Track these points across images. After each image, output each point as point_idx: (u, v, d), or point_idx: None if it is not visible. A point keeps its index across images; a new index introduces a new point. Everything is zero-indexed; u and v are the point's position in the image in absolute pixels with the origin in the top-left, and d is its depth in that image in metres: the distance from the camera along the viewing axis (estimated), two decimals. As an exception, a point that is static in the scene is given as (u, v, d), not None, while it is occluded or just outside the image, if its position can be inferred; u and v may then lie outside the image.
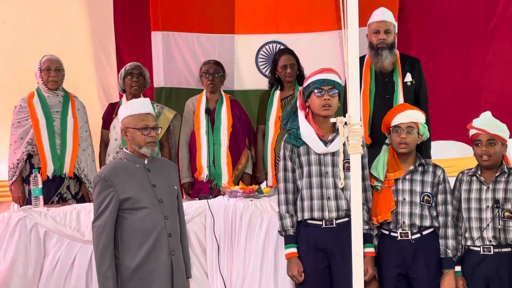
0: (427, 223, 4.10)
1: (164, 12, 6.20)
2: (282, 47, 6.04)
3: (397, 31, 5.15)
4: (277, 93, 5.52)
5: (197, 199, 4.83)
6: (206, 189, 5.17)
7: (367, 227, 4.08)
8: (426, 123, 4.26)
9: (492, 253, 4.02)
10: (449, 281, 4.04)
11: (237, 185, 4.86)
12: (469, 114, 4.54)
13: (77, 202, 5.23)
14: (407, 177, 4.15)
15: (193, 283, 4.24)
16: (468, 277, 4.07)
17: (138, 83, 5.52)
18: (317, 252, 4.07)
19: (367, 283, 4.05)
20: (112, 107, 5.63)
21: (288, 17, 6.24)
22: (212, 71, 5.55)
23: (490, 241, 4.03)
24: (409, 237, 4.09)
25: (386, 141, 4.27)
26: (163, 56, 6.22)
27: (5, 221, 4.54)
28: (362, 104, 4.85)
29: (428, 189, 4.13)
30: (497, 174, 4.10)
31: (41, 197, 4.74)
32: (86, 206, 4.65)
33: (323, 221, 4.06)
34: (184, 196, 5.39)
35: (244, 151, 5.52)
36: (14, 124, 5.32)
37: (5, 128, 5.57)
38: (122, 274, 3.80)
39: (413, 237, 4.09)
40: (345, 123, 3.15)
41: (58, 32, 6.18)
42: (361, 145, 3.13)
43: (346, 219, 4.02)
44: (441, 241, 4.08)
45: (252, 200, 4.52)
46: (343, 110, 4.57)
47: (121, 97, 5.76)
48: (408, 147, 4.14)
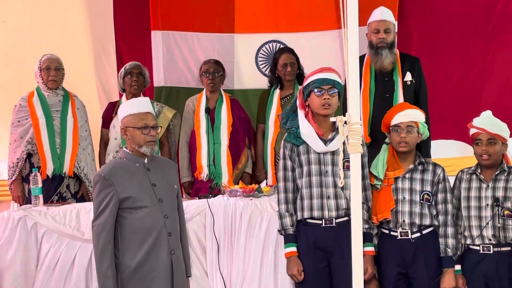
0: (427, 222, 4.10)
1: (164, 12, 6.21)
2: (282, 46, 6.03)
3: (397, 30, 5.15)
4: (277, 92, 5.51)
5: (197, 198, 4.83)
6: (206, 189, 5.16)
7: (367, 226, 4.07)
8: (426, 122, 4.26)
9: (491, 252, 4.02)
10: (449, 280, 4.04)
11: (237, 184, 4.86)
12: (469, 113, 4.54)
13: (76, 201, 5.23)
14: (407, 175, 4.15)
15: (193, 282, 4.24)
16: (467, 276, 4.07)
17: (138, 83, 5.51)
18: (317, 251, 4.06)
19: (367, 282, 4.06)
20: (112, 106, 5.63)
21: (288, 16, 6.24)
22: (212, 70, 5.54)
23: (490, 239, 4.03)
24: (409, 236, 4.09)
25: (386, 140, 4.27)
26: (163, 55, 6.22)
27: (5, 220, 4.54)
28: (362, 103, 4.84)
29: (428, 188, 4.13)
30: (497, 173, 4.10)
31: (41, 196, 4.74)
32: (86, 205, 4.65)
33: (323, 220, 4.06)
34: (184, 195, 5.39)
35: (244, 151, 5.51)
36: (14, 123, 5.32)
37: (5, 127, 5.58)
38: (122, 273, 3.79)
39: (413, 236, 4.09)
40: (345, 122, 3.16)
41: (58, 32, 6.19)
42: (361, 144, 3.14)
43: (345, 218, 4.02)
44: (441, 240, 4.08)
45: (252, 199, 4.52)
46: (343, 109, 4.57)
47: (121, 96, 5.76)
48: (408, 146, 4.14)
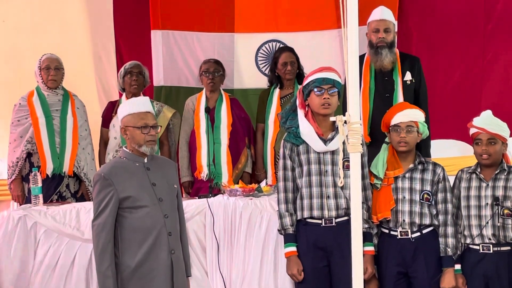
0: (426, 221, 4.09)
1: (164, 11, 6.21)
2: (281, 45, 6.03)
3: (396, 30, 5.14)
4: (277, 92, 5.51)
5: (196, 198, 4.83)
6: (206, 188, 5.16)
7: (367, 225, 4.07)
8: (426, 122, 4.25)
9: (491, 251, 4.02)
10: (449, 279, 4.04)
11: (236, 184, 4.85)
12: (469, 113, 4.53)
13: (76, 201, 5.23)
14: (407, 175, 4.15)
15: (193, 282, 4.23)
16: (467, 276, 4.07)
17: (138, 82, 5.51)
18: (317, 251, 4.06)
19: (367, 282, 4.06)
20: (111, 106, 5.62)
21: (288, 15, 6.24)
22: (212, 70, 5.54)
23: (490, 238, 4.02)
24: (409, 236, 4.08)
25: (386, 139, 4.27)
26: (162, 55, 6.22)
27: (5, 220, 4.54)
28: (361, 103, 4.84)
29: (427, 187, 4.13)
30: (496, 172, 4.10)
31: (41, 195, 4.74)
32: (86, 205, 4.65)
33: (323, 220, 4.05)
34: (184, 195, 5.39)
35: (244, 150, 5.51)
36: (13, 123, 5.32)
37: (4, 127, 5.57)
38: (122, 273, 3.78)
39: (413, 235, 4.08)
40: (345, 122, 3.15)
41: (58, 31, 6.19)
42: (361, 144, 3.13)
43: (345, 217, 4.02)
44: (441, 240, 4.08)
45: (251, 199, 4.51)
46: (342, 108, 4.57)
47: (120, 95, 5.76)
48: (408, 146, 4.14)
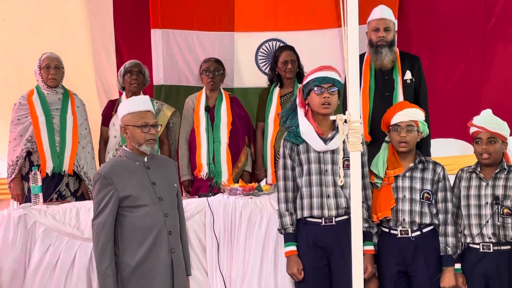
0: (427, 220, 4.09)
1: (164, 10, 6.21)
2: (282, 44, 6.03)
3: (397, 28, 5.14)
4: (276, 90, 5.50)
5: (196, 196, 4.82)
6: (206, 187, 5.16)
7: (367, 225, 4.07)
8: (426, 121, 4.25)
9: (491, 250, 4.02)
10: (449, 279, 4.04)
11: (236, 183, 4.85)
12: (469, 112, 4.53)
13: (76, 200, 5.23)
14: (407, 174, 4.15)
15: (193, 281, 4.23)
16: (467, 275, 4.07)
17: (138, 81, 5.50)
18: (317, 250, 4.06)
19: (367, 281, 4.05)
20: (111, 104, 5.62)
21: (288, 14, 6.24)
22: (213, 69, 5.54)
23: (490, 238, 4.02)
24: (409, 235, 4.08)
25: (386, 138, 4.27)
26: (162, 54, 6.22)
27: (5, 219, 4.53)
28: (361, 102, 4.84)
29: (428, 187, 4.13)
30: (497, 171, 4.10)
31: (41, 194, 4.73)
32: (86, 204, 4.64)
33: (323, 219, 4.05)
34: (184, 193, 5.39)
35: (243, 149, 5.51)
36: (13, 122, 5.32)
37: (4, 126, 5.57)
38: (122, 272, 3.78)
39: (413, 234, 4.08)
40: (345, 121, 3.15)
41: (58, 30, 6.18)
42: (361, 143, 3.13)
43: (345, 217, 4.02)
44: (441, 239, 4.08)
45: (251, 198, 4.51)
46: (342, 107, 4.57)
47: (120, 94, 5.75)
48: (408, 146, 4.14)
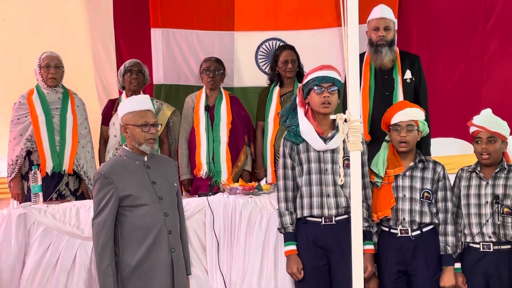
0: (427, 219, 4.09)
1: (164, 9, 6.20)
2: (282, 44, 6.03)
3: (396, 28, 5.14)
4: (276, 90, 5.50)
5: (196, 196, 4.82)
6: (205, 186, 5.16)
7: (367, 224, 4.07)
8: (426, 120, 4.25)
9: (491, 250, 4.02)
10: (449, 278, 4.04)
11: (236, 182, 4.85)
12: (469, 111, 4.54)
13: (76, 199, 5.23)
14: (407, 173, 4.15)
15: (193, 280, 4.23)
16: (467, 274, 4.07)
17: (138, 80, 5.50)
18: (317, 249, 4.06)
19: (367, 280, 4.06)
20: (111, 104, 5.62)
21: (288, 14, 6.24)
22: (213, 68, 5.53)
23: (490, 237, 4.02)
24: (409, 234, 4.09)
25: (386, 137, 4.27)
26: (162, 53, 6.21)
27: (5, 218, 4.53)
28: (361, 102, 4.84)
29: (428, 186, 4.13)
30: (497, 170, 4.10)
31: (41, 194, 4.73)
32: (86, 203, 4.64)
33: (323, 218, 4.05)
34: (183, 193, 5.38)
35: (243, 148, 5.51)
36: (13, 121, 5.31)
37: (4, 125, 5.57)
38: (122, 271, 3.78)
39: (413, 233, 4.08)
40: (345, 120, 3.15)
41: (58, 29, 6.19)
42: (361, 142, 3.13)
43: (345, 216, 4.02)
44: (441, 238, 4.08)
45: (251, 197, 4.51)
46: (342, 107, 4.56)
47: (120, 94, 5.75)
48: (408, 146, 4.14)
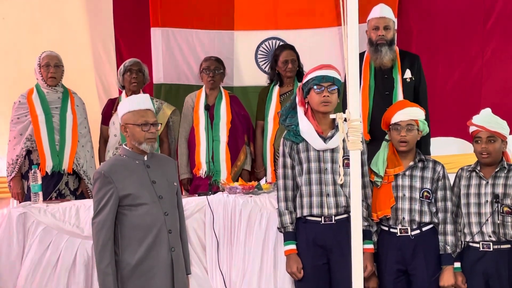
0: (426, 219, 4.10)
1: (164, 9, 6.20)
2: (281, 43, 6.03)
3: (396, 27, 5.15)
4: (276, 89, 5.50)
5: (196, 195, 4.82)
6: (205, 185, 5.16)
7: (366, 223, 4.07)
8: (426, 119, 4.26)
9: (491, 249, 4.02)
10: (448, 277, 4.04)
11: (236, 181, 4.85)
12: (469, 111, 4.53)
13: (76, 199, 5.23)
14: (407, 173, 4.15)
15: (193, 280, 4.23)
16: (467, 274, 4.07)
17: (137, 80, 5.50)
18: (316, 248, 4.07)
19: (366, 279, 4.06)
20: (111, 103, 5.62)
21: (287, 13, 6.24)
22: (213, 67, 5.53)
23: (490, 236, 4.02)
24: (409, 233, 4.09)
25: (386, 137, 4.27)
26: (162, 52, 6.21)
27: (5, 218, 4.53)
28: (361, 101, 4.84)
29: (427, 185, 4.13)
30: (496, 170, 4.10)
31: (41, 193, 4.72)
32: (86, 202, 4.63)
33: (322, 217, 4.06)
34: (183, 192, 5.39)
35: (243, 148, 5.51)
36: (13, 120, 5.31)
37: (4, 124, 5.57)
38: (122, 271, 3.78)
39: (413, 233, 4.09)
40: (345, 119, 3.15)
41: (58, 29, 6.19)
42: (361, 141, 3.13)
43: (345, 215, 4.02)
44: (441, 237, 4.08)
45: (251, 196, 4.51)
46: (342, 106, 4.56)
47: (120, 93, 5.75)
48: (408, 145, 4.14)
